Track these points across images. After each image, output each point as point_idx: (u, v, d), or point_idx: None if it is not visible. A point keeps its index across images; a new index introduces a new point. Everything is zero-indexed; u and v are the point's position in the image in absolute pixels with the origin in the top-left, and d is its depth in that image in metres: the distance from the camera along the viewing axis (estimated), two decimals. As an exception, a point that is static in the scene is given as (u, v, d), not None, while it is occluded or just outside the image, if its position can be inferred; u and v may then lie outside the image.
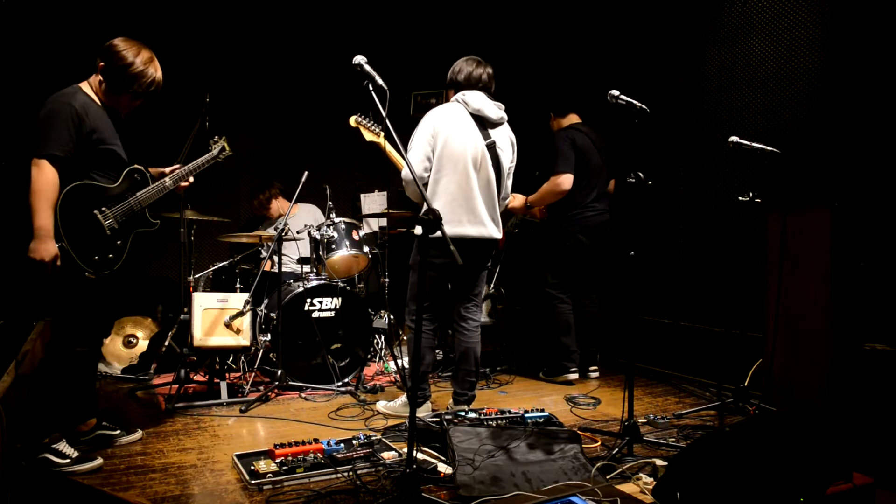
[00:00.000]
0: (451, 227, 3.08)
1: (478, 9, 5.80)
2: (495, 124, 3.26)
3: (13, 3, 4.34)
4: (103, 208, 2.65)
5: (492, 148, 3.22)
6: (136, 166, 2.81)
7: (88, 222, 2.62)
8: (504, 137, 3.30)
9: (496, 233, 3.26)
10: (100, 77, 2.71)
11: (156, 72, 2.77)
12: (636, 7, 5.05)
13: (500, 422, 2.84)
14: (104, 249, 2.65)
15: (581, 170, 4.11)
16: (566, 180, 4.05)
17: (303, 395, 3.81)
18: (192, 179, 3.07)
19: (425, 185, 3.15)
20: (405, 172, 3.16)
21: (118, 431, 2.94)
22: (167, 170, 3.03)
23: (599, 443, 2.98)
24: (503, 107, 3.29)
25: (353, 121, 3.55)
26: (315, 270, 4.16)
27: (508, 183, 3.40)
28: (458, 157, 3.12)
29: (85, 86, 2.73)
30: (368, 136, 3.54)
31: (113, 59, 2.67)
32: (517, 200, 4.16)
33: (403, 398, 3.46)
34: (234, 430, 3.17)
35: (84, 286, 2.65)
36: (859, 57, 3.59)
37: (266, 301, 4.09)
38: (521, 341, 4.90)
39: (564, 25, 5.66)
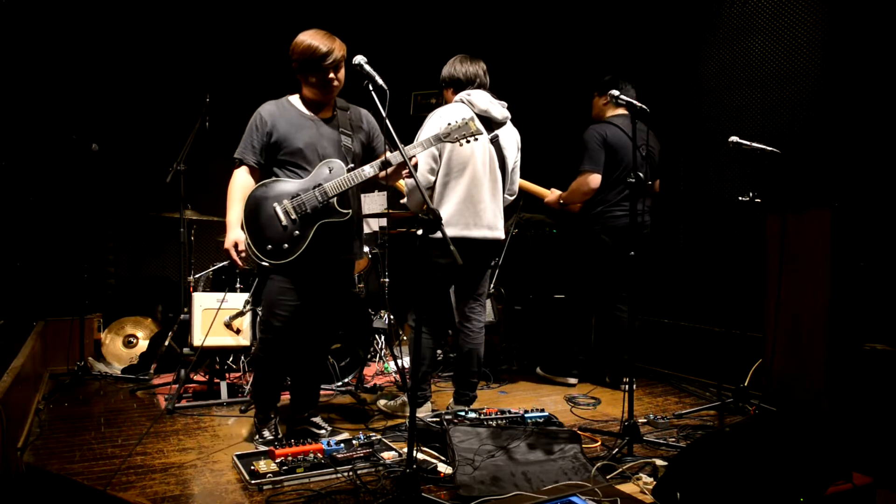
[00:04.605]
0: (458, 230, 3.07)
1: (477, 9, 5.79)
2: (500, 124, 3.25)
3: (12, 5, 4.34)
4: (284, 201, 2.72)
5: (496, 144, 3.22)
6: (332, 160, 2.80)
7: (267, 215, 2.71)
8: (509, 136, 3.29)
9: (501, 234, 3.26)
10: (302, 80, 2.90)
11: (324, 41, 2.81)
12: (636, 7, 5.05)
13: (500, 422, 2.84)
14: (279, 240, 2.71)
15: (612, 167, 3.90)
16: (594, 180, 3.87)
17: (303, 395, 3.80)
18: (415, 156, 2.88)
19: (431, 188, 3.14)
20: (409, 180, 3.13)
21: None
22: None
23: (599, 443, 2.98)
24: (506, 105, 3.28)
25: None
26: (315, 270, 4.15)
27: (515, 178, 3.40)
28: (467, 160, 3.11)
29: (291, 97, 2.95)
30: None
31: (301, 56, 2.83)
32: (552, 195, 4.11)
33: (403, 398, 3.46)
34: (234, 430, 3.17)
35: (269, 274, 2.81)
36: (859, 57, 3.59)
37: (266, 301, 4.08)
38: (521, 341, 4.90)
39: (564, 25, 5.66)
